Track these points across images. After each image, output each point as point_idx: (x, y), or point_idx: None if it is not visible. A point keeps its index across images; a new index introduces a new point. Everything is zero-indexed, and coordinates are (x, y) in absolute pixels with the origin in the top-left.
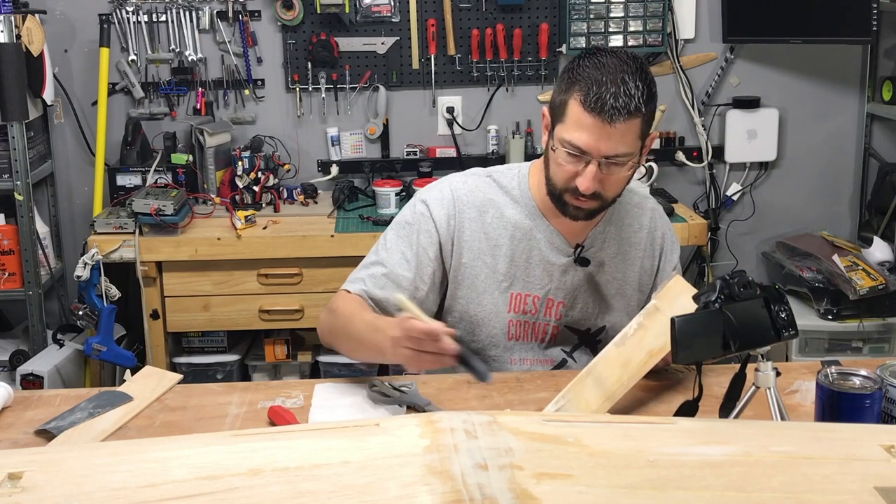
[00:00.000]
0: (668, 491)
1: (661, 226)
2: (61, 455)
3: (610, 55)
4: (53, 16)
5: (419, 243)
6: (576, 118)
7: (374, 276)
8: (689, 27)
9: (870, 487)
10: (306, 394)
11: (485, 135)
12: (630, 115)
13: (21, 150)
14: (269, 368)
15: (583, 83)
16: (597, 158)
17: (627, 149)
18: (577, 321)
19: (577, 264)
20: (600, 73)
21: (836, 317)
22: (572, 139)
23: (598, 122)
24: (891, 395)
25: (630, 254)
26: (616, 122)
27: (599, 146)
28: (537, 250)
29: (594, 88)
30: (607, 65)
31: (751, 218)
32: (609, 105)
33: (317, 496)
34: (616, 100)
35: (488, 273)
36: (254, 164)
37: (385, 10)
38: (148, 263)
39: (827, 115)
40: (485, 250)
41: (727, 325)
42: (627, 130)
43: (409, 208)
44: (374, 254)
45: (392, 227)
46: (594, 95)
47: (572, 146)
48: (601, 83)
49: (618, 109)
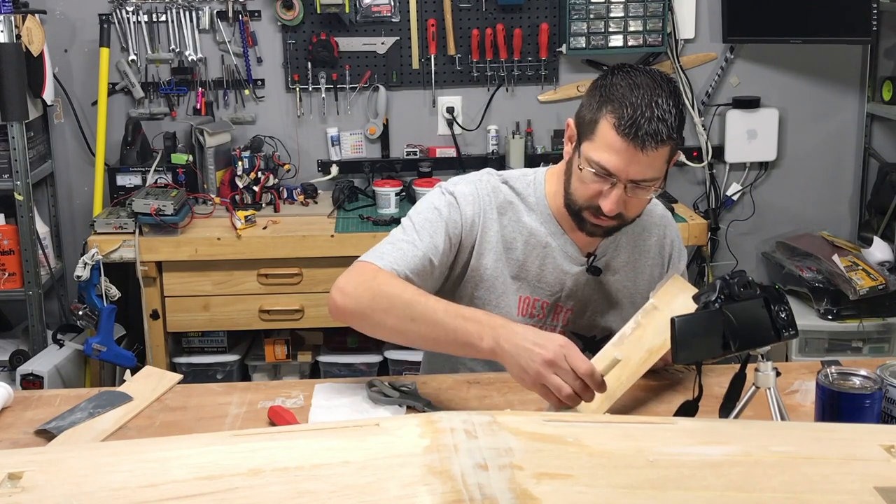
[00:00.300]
0: (668, 491)
1: (669, 233)
2: (61, 455)
3: (644, 74)
4: (53, 16)
5: (447, 230)
6: (606, 140)
7: (405, 255)
8: (689, 27)
9: (870, 487)
10: (306, 394)
11: (485, 135)
12: (662, 143)
13: (21, 150)
14: (269, 368)
15: (616, 104)
16: (624, 181)
17: (655, 174)
18: (584, 328)
19: (589, 273)
20: (634, 94)
21: (836, 317)
22: (601, 160)
23: (629, 146)
24: (891, 395)
25: (640, 261)
26: (648, 148)
27: (629, 170)
28: (551, 258)
29: (628, 111)
30: (641, 85)
31: (751, 218)
32: (643, 131)
33: (317, 496)
34: (650, 125)
35: (498, 274)
36: (254, 164)
37: (385, 10)
38: (148, 263)
39: (827, 115)
40: (500, 251)
41: (727, 325)
42: (658, 157)
43: (437, 196)
44: (402, 233)
45: (418, 212)
46: (628, 119)
47: (600, 167)
48: (636, 106)
49: (651, 136)
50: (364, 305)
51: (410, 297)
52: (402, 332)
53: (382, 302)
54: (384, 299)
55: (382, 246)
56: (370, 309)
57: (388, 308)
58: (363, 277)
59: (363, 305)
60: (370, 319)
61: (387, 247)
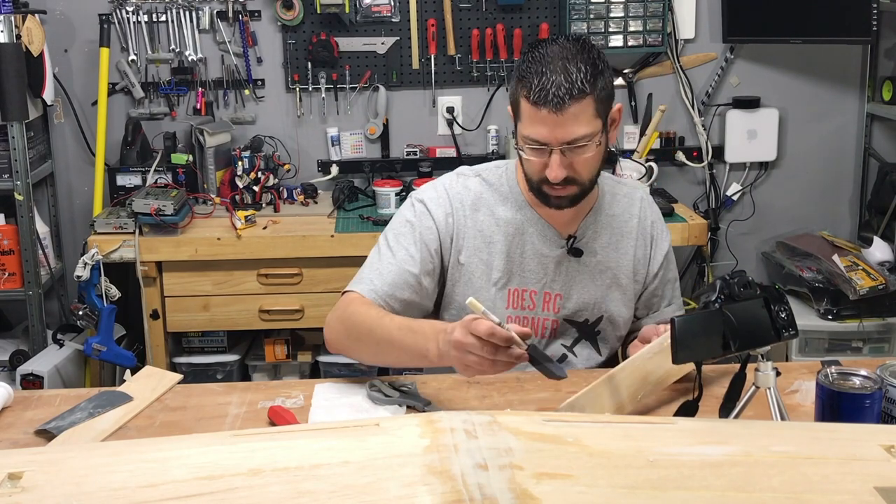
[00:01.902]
0: (668, 491)
1: (650, 214)
2: (61, 455)
3: (551, 44)
4: (53, 16)
5: (422, 240)
6: (528, 114)
7: (381, 274)
8: (689, 27)
9: (870, 487)
10: (306, 394)
11: (485, 135)
12: (575, 98)
13: (21, 150)
14: (269, 368)
15: (526, 79)
16: (557, 146)
17: (585, 130)
18: (574, 313)
19: (571, 255)
20: (541, 64)
21: (836, 317)
22: (530, 134)
23: (546, 113)
24: (891, 395)
25: (622, 243)
26: (563, 109)
27: (556, 135)
28: (531, 244)
29: (536, 81)
30: (547, 55)
31: (751, 218)
32: (552, 94)
33: (317, 496)
34: (558, 88)
35: (484, 270)
36: (254, 164)
37: (385, 10)
38: (148, 263)
39: (827, 115)
40: (480, 247)
41: (727, 325)
42: (579, 112)
43: (406, 209)
44: (377, 254)
45: (391, 228)
46: (537, 88)
47: (532, 140)
48: (542, 74)
49: (560, 96)
50: (342, 338)
51: (371, 323)
52: (376, 357)
53: (353, 332)
54: (354, 329)
55: (362, 271)
56: (348, 341)
57: (359, 337)
58: (340, 311)
59: (342, 339)
60: (351, 350)
61: (365, 270)
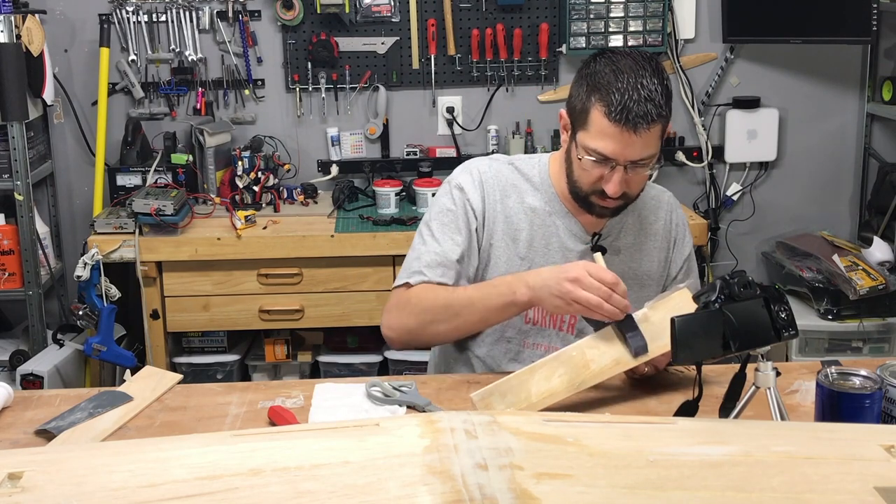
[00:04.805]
0: (668, 491)
1: (675, 217)
2: (61, 455)
3: (626, 57)
4: (53, 16)
5: (467, 226)
6: (600, 127)
7: (430, 265)
8: (689, 27)
9: (870, 487)
10: (306, 394)
11: (485, 135)
12: (653, 122)
13: (21, 150)
14: (269, 368)
15: (603, 91)
16: (623, 163)
17: (652, 151)
18: None
19: (594, 251)
20: (619, 79)
21: (836, 317)
22: (598, 147)
23: (623, 131)
24: (891, 395)
25: (647, 244)
26: (640, 129)
27: (626, 153)
28: (556, 237)
29: (616, 97)
30: (624, 69)
31: (751, 218)
32: (634, 114)
33: (317, 496)
34: (639, 107)
35: (509, 255)
36: (254, 164)
37: (385, 10)
38: (148, 263)
39: (827, 115)
40: (507, 233)
41: (727, 325)
42: (652, 135)
43: (445, 196)
44: (423, 244)
45: (434, 216)
46: (618, 105)
47: (599, 154)
48: (622, 91)
49: (642, 117)
50: (413, 329)
51: (445, 300)
52: (456, 329)
53: (426, 317)
54: (426, 314)
55: (409, 262)
56: (420, 328)
57: (433, 319)
58: (400, 308)
59: (413, 329)
60: (424, 336)
61: (413, 262)
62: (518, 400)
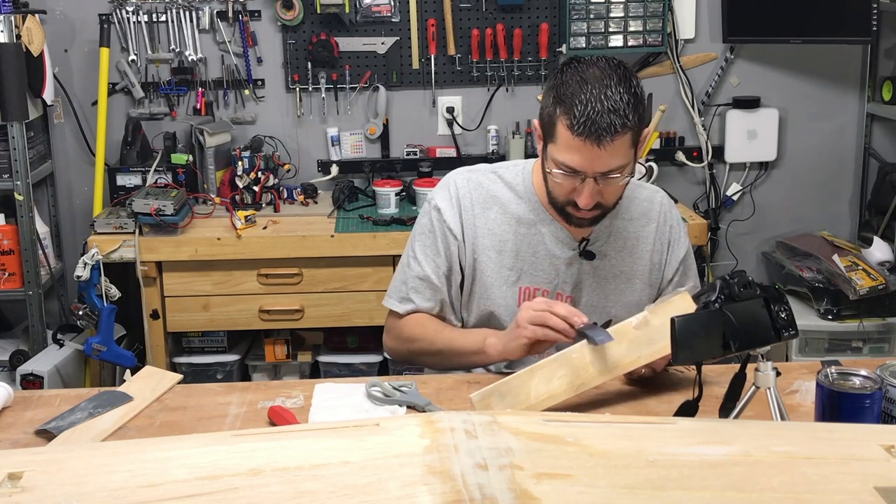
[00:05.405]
0: (668, 491)
1: (669, 219)
2: (61, 455)
3: (592, 66)
4: (53, 16)
5: (447, 248)
6: (566, 141)
7: (417, 290)
8: (689, 27)
9: (870, 487)
10: (306, 394)
11: (485, 135)
12: (618, 133)
13: (21, 150)
14: (269, 368)
15: (567, 104)
16: (592, 176)
17: (621, 161)
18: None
19: (583, 258)
20: (583, 90)
21: (836, 317)
22: (565, 161)
23: (587, 143)
24: (891, 395)
25: (637, 247)
26: (605, 142)
27: (594, 166)
28: (542, 245)
29: (579, 109)
30: (589, 79)
31: (751, 218)
32: (597, 126)
33: (317, 496)
34: (602, 119)
35: (494, 268)
36: (254, 164)
37: (385, 10)
38: (148, 263)
39: (827, 115)
40: (491, 245)
41: (727, 325)
42: (619, 146)
43: (426, 216)
44: (408, 267)
45: (416, 236)
46: (580, 117)
47: (566, 167)
48: (585, 102)
49: (605, 129)
50: (406, 357)
51: (431, 336)
52: (439, 364)
53: (415, 347)
54: (415, 345)
55: (397, 282)
56: (411, 358)
57: (420, 352)
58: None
59: (405, 358)
60: (416, 362)
61: (401, 285)
62: (517, 401)
